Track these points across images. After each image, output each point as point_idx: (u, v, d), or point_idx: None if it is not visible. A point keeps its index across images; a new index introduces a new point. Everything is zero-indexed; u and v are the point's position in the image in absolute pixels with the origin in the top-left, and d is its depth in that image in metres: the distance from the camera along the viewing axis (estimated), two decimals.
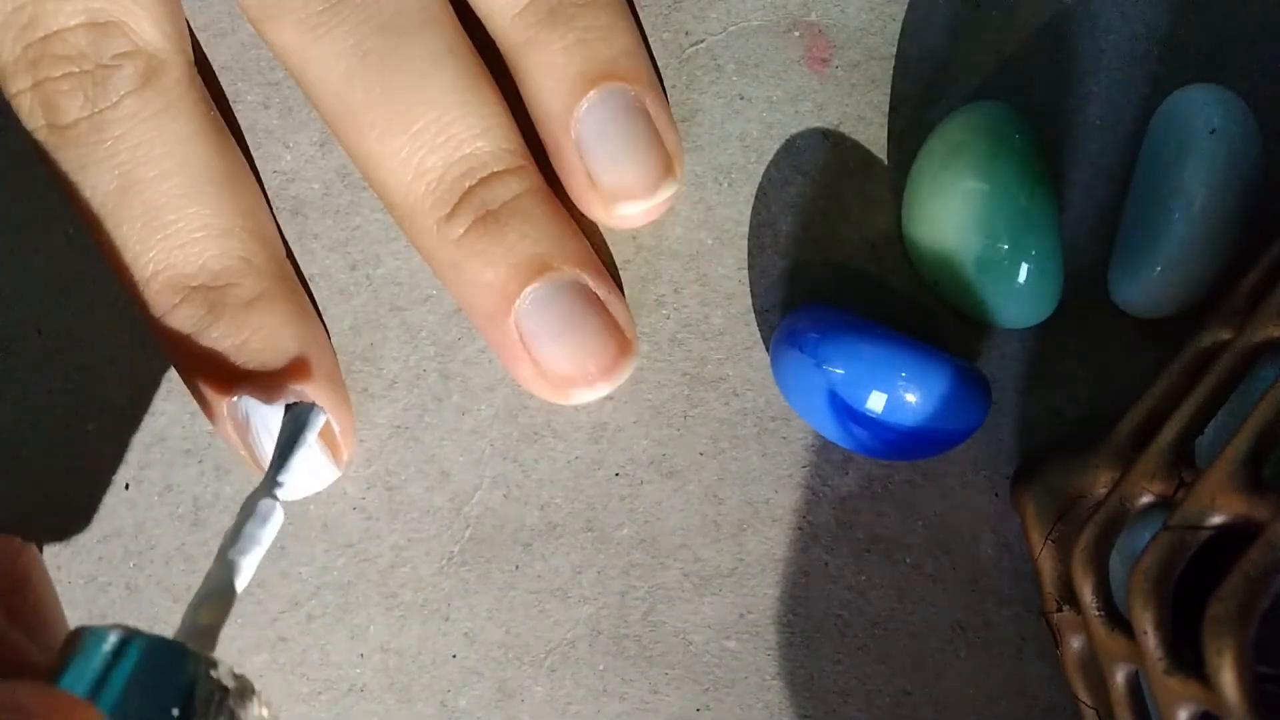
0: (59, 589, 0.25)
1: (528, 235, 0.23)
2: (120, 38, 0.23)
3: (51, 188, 0.25)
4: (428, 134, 0.23)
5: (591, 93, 0.23)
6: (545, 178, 0.25)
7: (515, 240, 0.23)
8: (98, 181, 0.23)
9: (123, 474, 0.25)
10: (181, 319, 0.23)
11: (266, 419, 0.23)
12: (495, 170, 0.23)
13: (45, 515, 0.25)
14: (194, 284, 0.23)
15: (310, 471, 0.24)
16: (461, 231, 0.23)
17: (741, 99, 0.26)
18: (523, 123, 0.24)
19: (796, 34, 0.26)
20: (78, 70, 0.23)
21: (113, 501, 0.25)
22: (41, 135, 0.23)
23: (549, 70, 0.23)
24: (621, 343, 0.24)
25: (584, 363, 0.24)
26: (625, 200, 0.24)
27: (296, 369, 0.24)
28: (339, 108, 0.23)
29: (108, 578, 0.25)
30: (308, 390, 0.24)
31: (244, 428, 0.23)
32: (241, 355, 0.23)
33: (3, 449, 0.25)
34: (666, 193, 0.24)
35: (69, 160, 0.23)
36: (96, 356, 0.25)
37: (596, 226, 0.25)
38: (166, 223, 0.23)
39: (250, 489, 0.25)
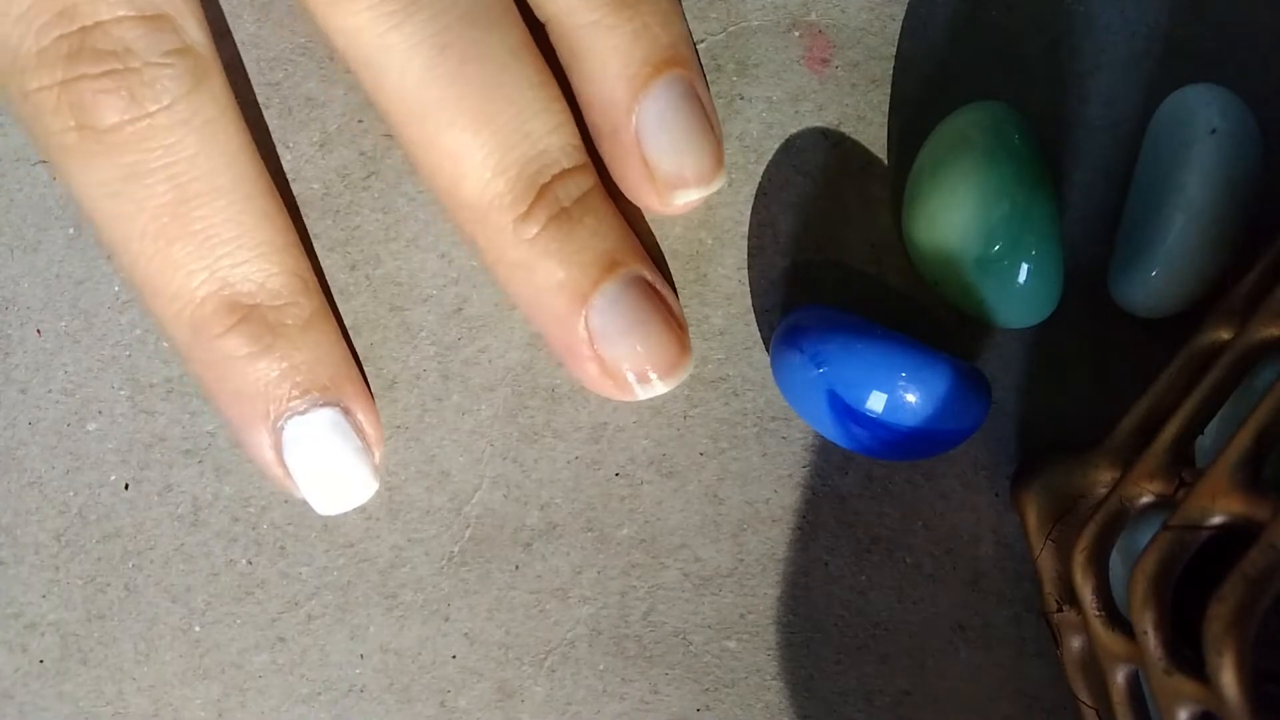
0: (58, 590, 0.25)
1: (599, 232, 0.23)
2: (170, 33, 0.21)
3: (51, 187, 0.25)
4: (508, 130, 0.22)
5: (657, 80, 0.23)
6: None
7: (588, 238, 0.23)
8: (147, 194, 0.21)
9: (123, 474, 0.25)
10: (240, 340, 0.22)
11: (316, 440, 0.23)
12: (566, 167, 0.23)
13: (45, 515, 0.25)
14: (252, 303, 0.22)
15: (355, 487, 0.24)
16: (536, 231, 0.23)
17: (741, 99, 0.26)
18: None
19: (796, 34, 0.26)
20: (120, 67, 0.21)
21: (112, 501, 0.25)
22: (69, 139, 0.21)
23: (614, 54, 0.23)
24: (683, 338, 0.24)
25: (653, 359, 0.23)
26: (681, 189, 0.23)
27: (344, 386, 0.24)
28: (413, 101, 0.22)
29: (106, 578, 0.25)
30: (354, 407, 0.24)
31: (288, 448, 0.23)
32: (299, 375, 0.23)
33: (2, 449, 0.25)
34: (720, 183, 0.24)
35: (108, 169, 0.21)
36: (96, 356, 0.25)
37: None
38: (226, 239, 0.22)
39: (253, 490, 0.25)
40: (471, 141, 0.22)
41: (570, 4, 0.23)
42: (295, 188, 0.25)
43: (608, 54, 0.23)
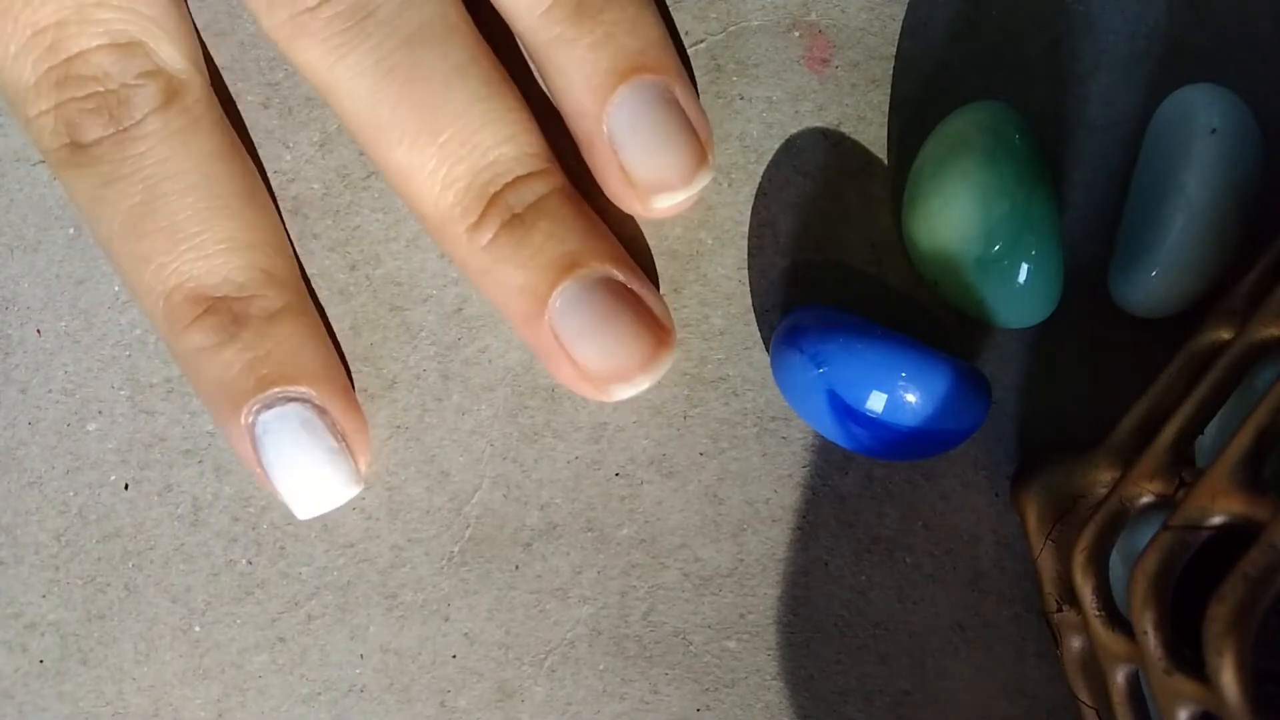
0: (58, 590, 0.25)
1: (554, 235, 0.23)
2: (142, 57, 0.23)
3: (51, 187, 0.25)
4: (454, 144, 0.23)
5: (622, 87, 0.23)
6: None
7: (542, 241, 0.23)
8: (121, 197, 0.23)
9: (122, 474, 0.25)
10: (205, 330, 0.23)
11: (283, 434, 0.23)
12: (519, 174, 0.23)
13: (45, 515, 0.25)
14: (217, 295, 0.23)
15: (329, 487, 0.24)
16: (490, 237, 0.23)
17: (741, 99, 0.26)
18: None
19: (796, 34, 0.26)
20: (102, 90, 0.23)
21: (112, 501, 0.25)
22: (63, 155, 0.23)
23: (578, 66, 0.23)
24: (659, 334, 0.24)
25: (622, 358, 0.23)
26: (661, 192, 0.24)
27: (317, 384, 0.24)
28: (367, 123, 0.23)
29: (106, 578, 0.25)
30: (328, 406, 0.24)
31: (260, 442, 0.23)
32: (264, 367, 0.23)
33: (2, 449, 0.25)
34: (702, 182, 0.24)
35: (91, 177, 0.23)
36: (96, 356, 0.25)
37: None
38: (190, 234, 0.23)
39: (253, 490, 0.25)
40: (417, 159, 0.23)
41: (532, 21, 0.23)
42: (295, 188, 0.25)
43: (573, 66, 0.23)
